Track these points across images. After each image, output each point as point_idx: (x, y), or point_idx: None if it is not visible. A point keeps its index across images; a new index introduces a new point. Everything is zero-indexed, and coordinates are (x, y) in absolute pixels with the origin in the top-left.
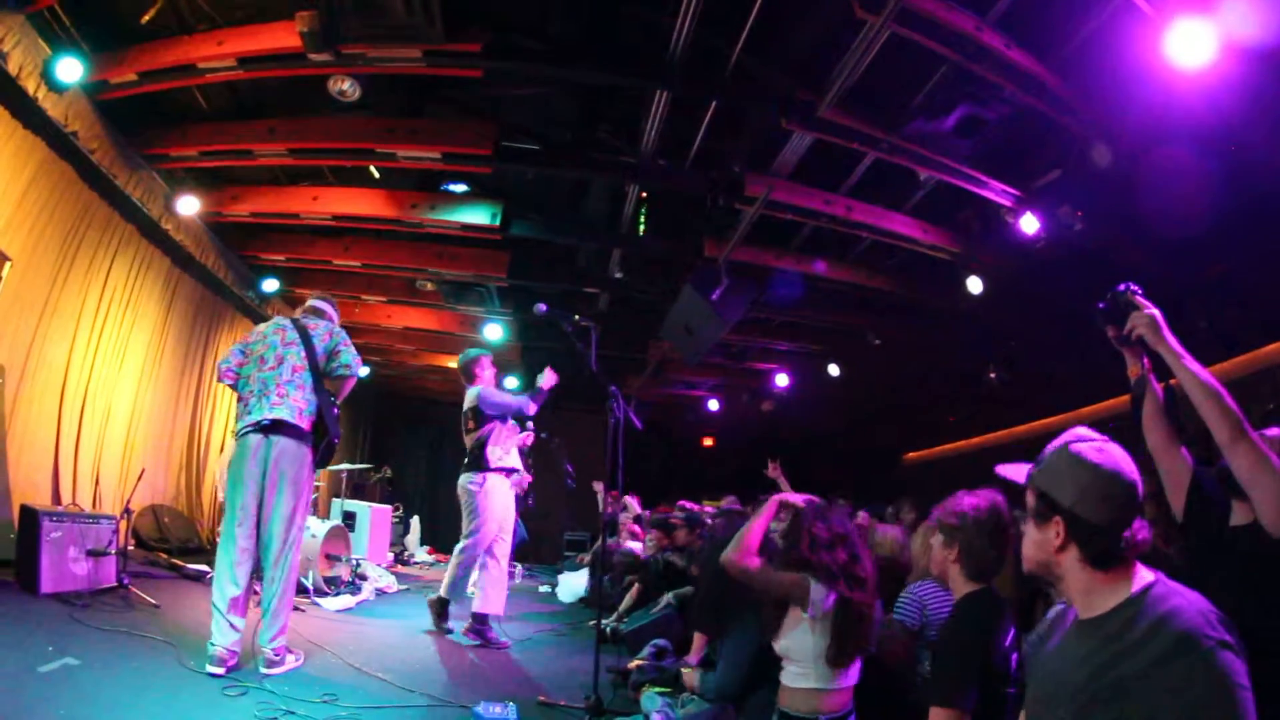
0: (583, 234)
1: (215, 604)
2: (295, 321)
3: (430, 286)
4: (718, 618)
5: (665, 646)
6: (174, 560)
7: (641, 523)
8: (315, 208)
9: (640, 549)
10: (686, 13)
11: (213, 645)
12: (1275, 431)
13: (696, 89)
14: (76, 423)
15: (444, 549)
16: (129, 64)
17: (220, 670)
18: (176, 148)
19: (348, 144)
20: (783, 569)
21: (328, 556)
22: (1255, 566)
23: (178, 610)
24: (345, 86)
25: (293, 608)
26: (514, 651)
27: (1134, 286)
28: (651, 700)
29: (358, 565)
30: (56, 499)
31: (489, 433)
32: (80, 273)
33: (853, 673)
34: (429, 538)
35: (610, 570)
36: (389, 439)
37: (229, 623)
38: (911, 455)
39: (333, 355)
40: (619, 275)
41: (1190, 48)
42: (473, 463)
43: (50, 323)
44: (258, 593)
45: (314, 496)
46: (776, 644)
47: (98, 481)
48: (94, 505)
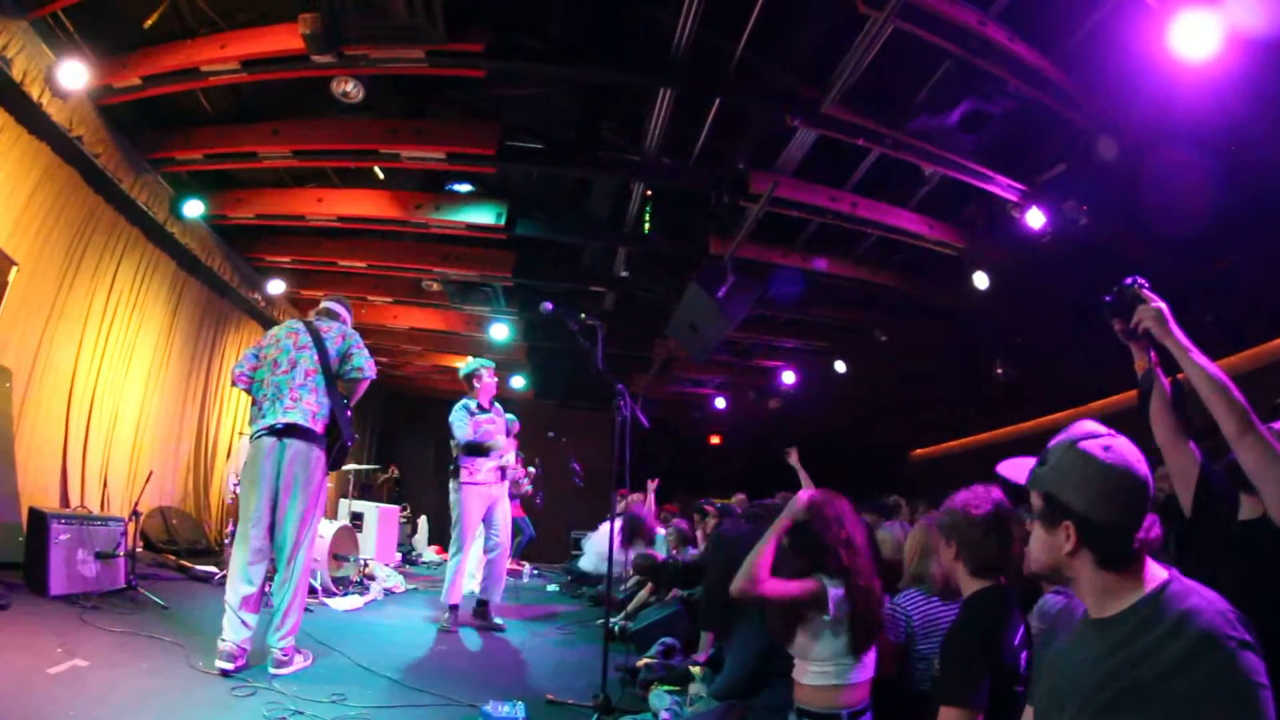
0: (588, 233)
1: (228, 601)
2: (308, 324)
3: (436, 287)
4: (723, 617)
5: (673, 644)
6: (182, 562)
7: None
8: (320, 209)
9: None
10: (689, 10)
11: (223, 641)
12: None
13: (700, 86)
14: (84, 425)
15: None
16: (132, 68)
17: (230, 665)
18: (181, 151)
19: (352, 145)
20: (789, 563)
21: (336, 557)
22: (1265, 560)
23: (186, 611)
24: (348, 88)
25: (303, 608)
26: (522, 650)
27: (1140, 280)
28: (660, 698)
29: (366, 565)
30: (65, 501)
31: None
32: (86, 276)
33: (869, 665)
34: (437, 537)
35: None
36: (396, 439)
37: (240, 619)
38: (918, 452)
39: (345, 358)
40: (624, 274)
41: (1194, 40)
42: (453, 473)
43: (57, 326)
44: (268, 593)
45: None
46: (790, 646)
47: (106, 484)
48: (102, 507)
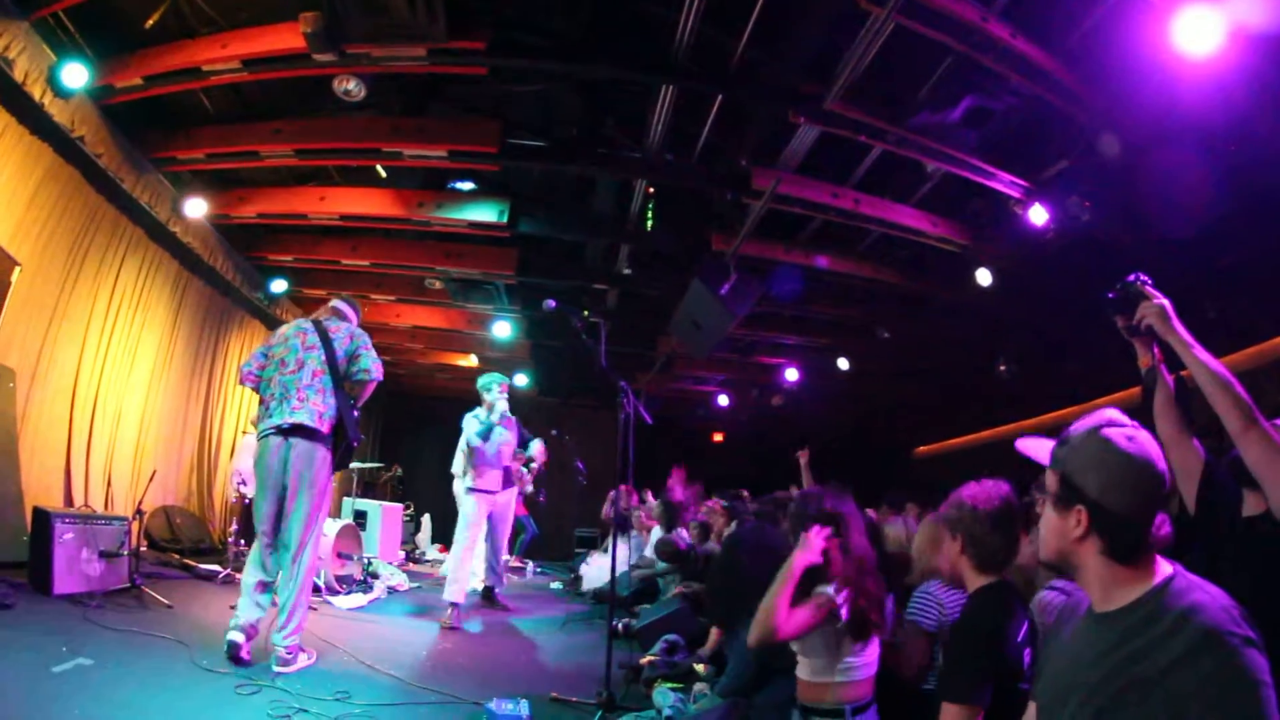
0: (590, 230)
1: (245, 583)
2: (317, 324)
3: (438, 285)
4: (726, 614)
5: (677, 641)
6: (186, 560)
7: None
8: (322, 208)
9: (683, 535)
10: (690, 6)
11: (237, 617)
12: None
13: (701, 83)
14: (88, 425)
15: None
16: (134, 68)
17: (241, 638)
18: (183, 150)
19: (354, 144)
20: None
21: (340, 555)
22: (1269, 556)
23: (190, 610)
24: (350, 86)
25: (307, 607)
26: (526, 648)
27: (1143, 276)
28: (663, 695)
29: (369, 564)
30: (69, 501)
31: (471, 457)
32: (89, 276)
33: (872, 661)
34: (440, 536)
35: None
36: (399, 438)
37: (254, 601)
38: (922, 449)
39: (353, 359)
40: (627, 271)
41: (1197, 36)
42: (459, 476)
43: (60, 326)
44: (275, 589)
45: None
46: (794, 643)
47: (109, 483)
48: (106, 507)
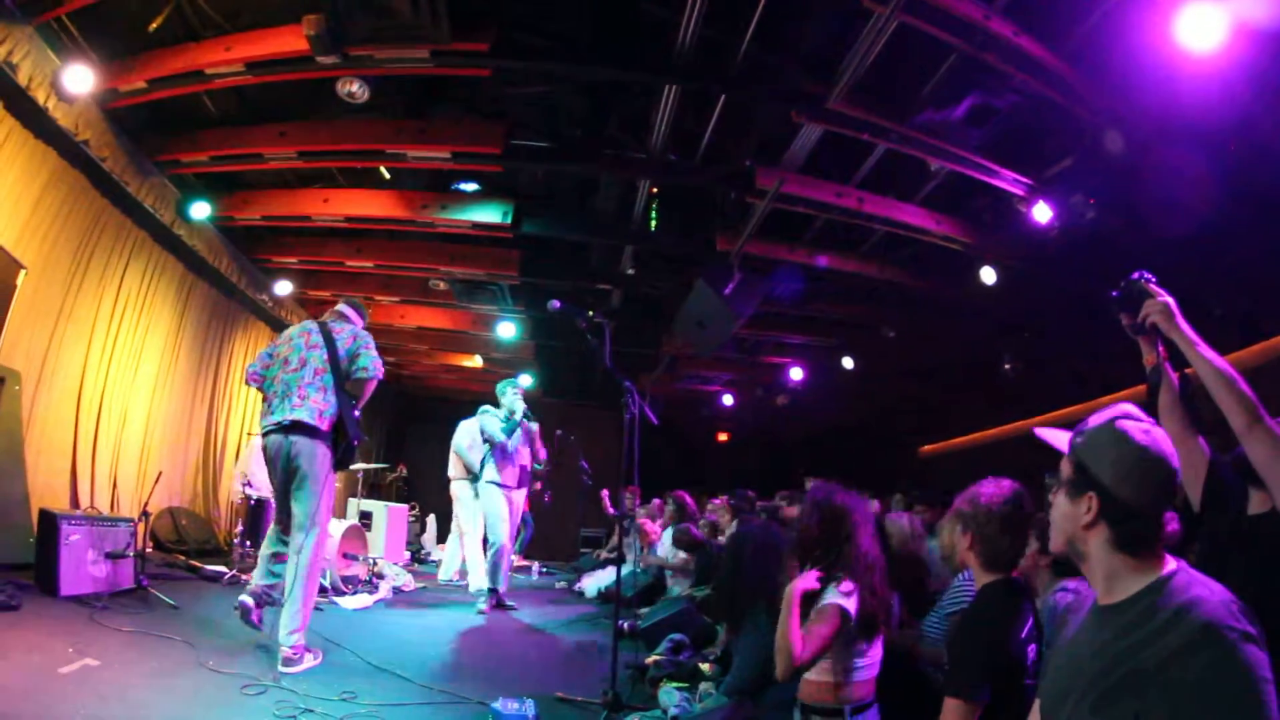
0: (594, 231)
1: (261, 554)
2: (321, 324)
3: (443, 286)
4: (732, 612)
5: (683, 641)
6: (192, 562)
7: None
8: (326, 210)
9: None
10: (693, 7)
11: (250, 584)
12: None
13: (705, 83)
14: (93, 427)
15: None
16: (138, 72)
17: (251, 601)
18: (187, 153)
19: (357, 145)
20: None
21: (345, 556)
22: (1274, 553)
23: (196, 611)
24: (354, 88)
25: (312, 606)
26: (532, 647)
27: (1147, 274)
28: (669, 695)
29: (375, 564)
30: (75, 503)
31: (490, 453)
32: (94, 279)
33: (875, 661)
34: (445, 536)
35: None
36: (404, 438)
37: (269, 569)
38: (928, 448)
39: (354, 358)
40: (631, 271)
41: (1200, 32)
42: (479, 470)
43: (66, 329)
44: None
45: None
46: None
47: (115, 485)
48: (112, 508)
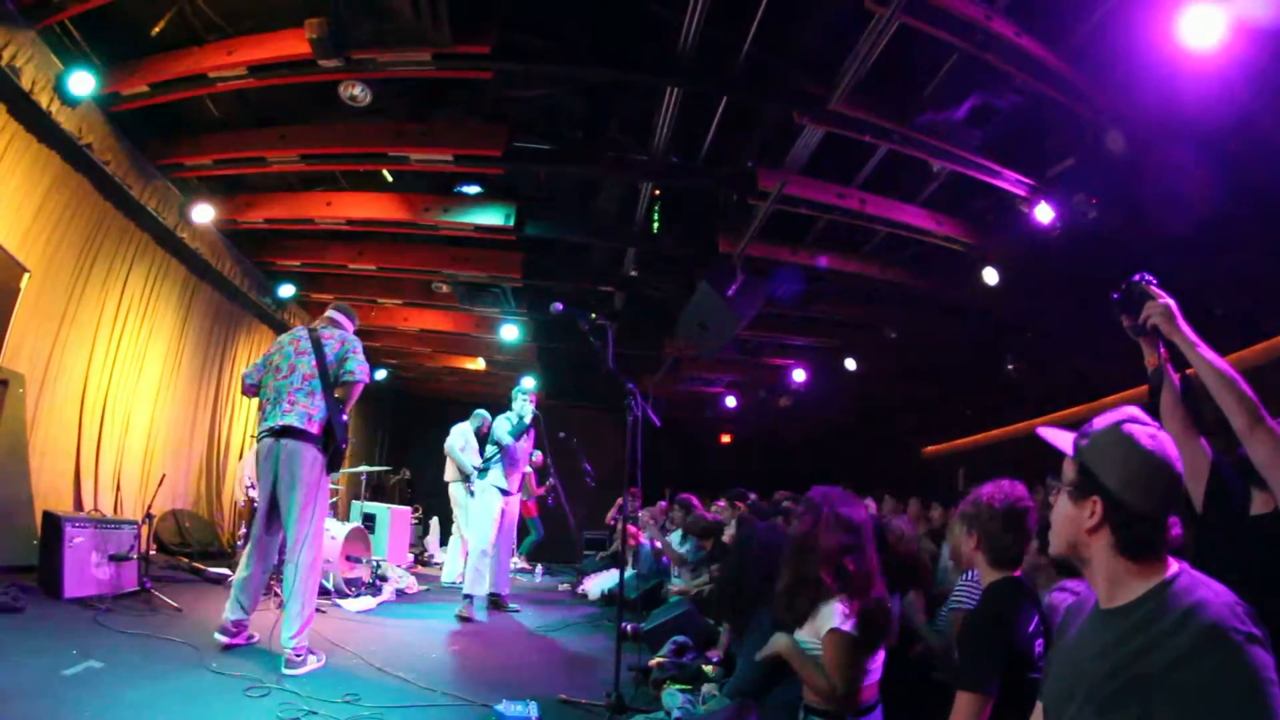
0: (596, 233)
1: (235, 579)
2: (311, 331)
3: (445, 289)
4: (736, 615)
5: (685, 643)
6: (195, 564)
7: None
8: (329, 213)
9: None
10: (695, 8)
11: (222, 619)
12: None
13: (706, 85)
14: (97, 430)
15: None
16: (141, 76)
17: (225, 640)
18: (190, 157)
19: (359, 148)
20: (794, 580)
21: (348, 558)
22: (1277, 555)
23: (199, 613)
24: (356, 91)
25: (314, 607)
26: (535, 650)
27: (1148, 276)
28: (672, 697)
29: (378, 566)
30: (79, 505)
31: (497, 456)
32: (98, 282)
33: (877, 667)
34: (448, 538)
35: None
36: (407, 441)
37: (236, 600)
38: (930, 449)
39: (341, 362)
40: (633, 273)
41: (1201, 30)
42: (479, 473)
43: (69, 332)
44: (279, 595)
45: (333, 500)
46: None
47: (119, 487)
48: (115, 511)
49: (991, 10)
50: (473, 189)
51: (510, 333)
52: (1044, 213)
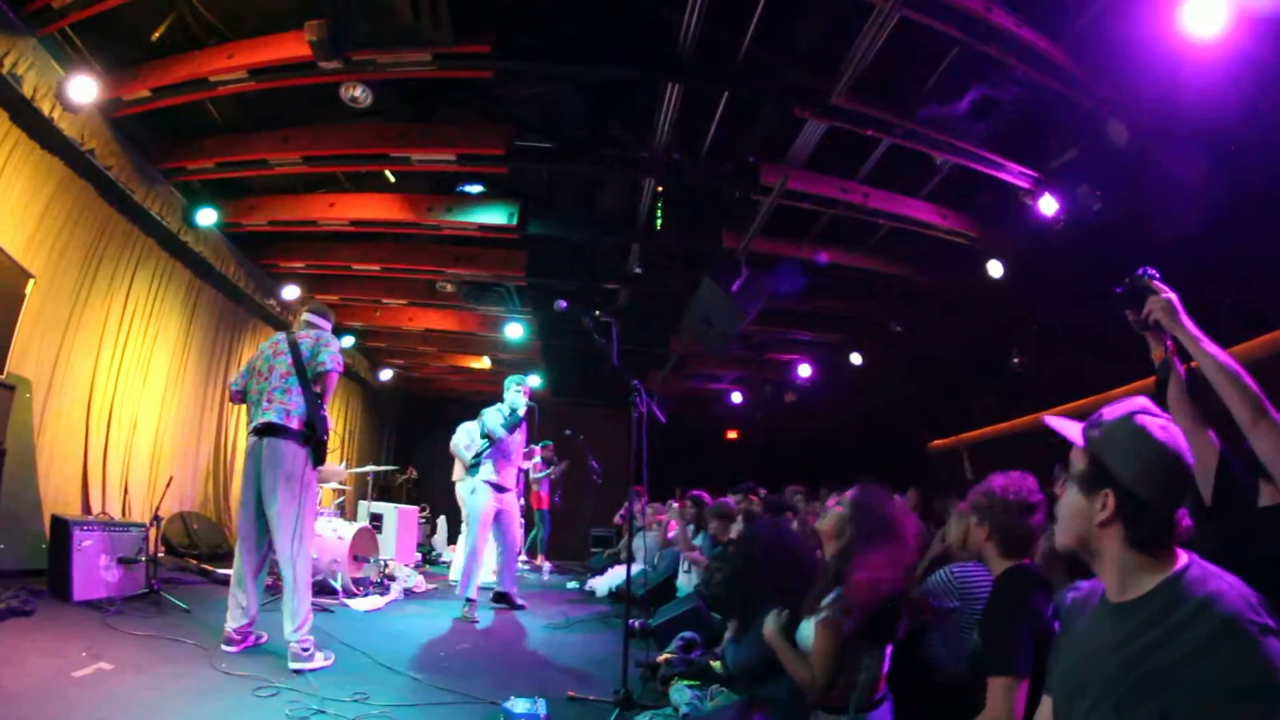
0: (600, 230)
1: (231, 588)
2: (288, 335)
3: (450, 288)
4: (744, 606)
5: (694, 639)
6: (203, 565)
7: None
8: (332, 214)
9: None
10: (694, 5)
11: (225, 628)
12: None
13: (707, 81)
14: (104, 433)
15: None
16: (142, 81)
17: (232, 650)
18: (192, 161)
19: (362, 150)
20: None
21: (356, 558)
22: None
23: (208, 614)
24: (357, 93)
25: (311, 598)
26: (542, 647)
27: (1151, 270)
28: (680, 693)
29: (386, 566)
30: (87, 508)
31: (489, 450)
32: (102, 287)
33: (884, 659)
34: (456, 537)
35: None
36: (414, 440)
37: (237, 605)
38: (936, 443)
39: (314, 356)
40: (637, 270)
41: (1203, 18)
42: (471, 469)
43: (75, 337)
44: (278, 594)
45: (340, 500)
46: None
47: (126, 490)
48: (123, 514)
49: (991, 2)
50: (475, 188)
51: (515, 331)
52: (1048, 205)
